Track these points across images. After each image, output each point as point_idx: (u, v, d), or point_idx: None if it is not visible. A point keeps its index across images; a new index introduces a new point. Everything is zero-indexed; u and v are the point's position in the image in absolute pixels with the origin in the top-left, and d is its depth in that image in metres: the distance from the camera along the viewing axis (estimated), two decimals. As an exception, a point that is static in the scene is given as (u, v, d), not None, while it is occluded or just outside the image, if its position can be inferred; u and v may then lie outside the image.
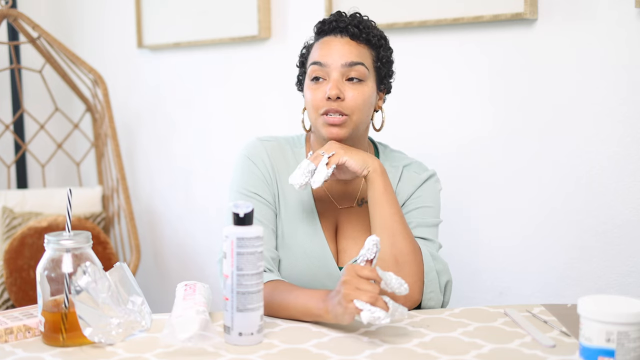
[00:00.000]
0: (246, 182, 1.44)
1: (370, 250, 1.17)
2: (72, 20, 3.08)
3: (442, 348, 1.11)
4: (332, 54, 1.39)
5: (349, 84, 1.38)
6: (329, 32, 1.42)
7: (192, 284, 1.29)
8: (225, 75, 2.58)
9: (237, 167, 1.47)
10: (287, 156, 1.48)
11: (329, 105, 1.37)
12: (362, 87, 1.39)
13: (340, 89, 1.36)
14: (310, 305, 1.22)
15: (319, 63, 1.39)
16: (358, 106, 1.38)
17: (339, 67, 1.38)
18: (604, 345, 0.98)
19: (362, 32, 1.41)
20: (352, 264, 1.18)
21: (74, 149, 3.08)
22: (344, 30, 1.40)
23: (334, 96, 1.35)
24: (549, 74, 1.84)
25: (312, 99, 1.39)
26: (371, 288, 1.13)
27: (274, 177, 1.45)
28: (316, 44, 1.44)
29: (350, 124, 1.38)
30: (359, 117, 1.39)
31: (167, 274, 2.89)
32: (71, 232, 1.14)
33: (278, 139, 1.51)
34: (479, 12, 1.89)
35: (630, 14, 1.69)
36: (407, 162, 1.51)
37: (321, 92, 1.38)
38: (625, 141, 1.73)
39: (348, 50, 1.39)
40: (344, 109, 1.37)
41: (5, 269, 2.35)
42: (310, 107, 1.40)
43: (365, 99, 1.39)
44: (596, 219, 1.79)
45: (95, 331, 1.11)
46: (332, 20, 1.43)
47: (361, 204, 1.47)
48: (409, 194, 1.46)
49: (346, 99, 1.37)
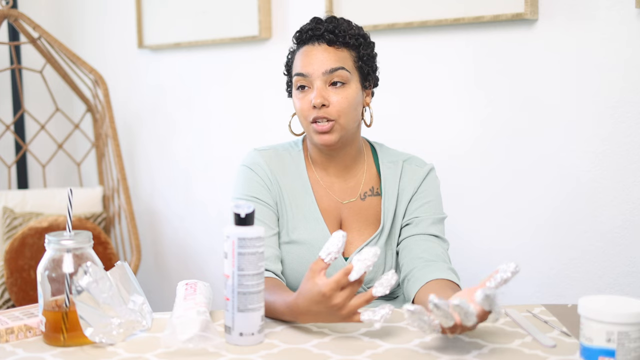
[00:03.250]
0: (247, 189, 1.48)
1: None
2: (73, 20, 3.08)
3: (442, 348, 1.11)
4: (312, 63, 1.42)
5: (333, 89, 1.41)
6: (307, 41, 1.45)
7: (193, 283, 1.29)
8: (226, 76, 2.58)
9: (237, 177, 1.51)
10: (285, 162, 1.51)
11: (316, 113, 1.41)
12: (345, 91, 1.42)
13: (324, 96, 1.40)
14: (276, 305, 1.24)
15: (302, 74, 1.43)
16: (343, 110, 1.41)
17: (320, 75, 1.41)
18: (605, 346, 0.99)
19: (338, 37, 1.43)
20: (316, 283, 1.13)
21: (74, 149, 3.08)
22: (321, 38, 1.43)
23: (318, 104, 1.39)
24: (550, 74, 1.84)
25: (300, 108, 1.44)
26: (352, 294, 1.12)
27: (275, 182, 1.48)
28: (297, 54, 1.47)
29: (339, 128, 1.42)
30: (346, 120, 1.42)
31: (167, 274, 2.89)
32: (72, 232, 1.14)
33: (275, 147, 1.54)
34: (480, 13, 1.89)
35: (630, 14, 1.69)
36: (405, 157, 1.54)
37: (307, 100, 1.42)
38: (626, 141, 1.73)
39: (327, 57, 1.42)
40: (330, 115, 1.40)
41: (5, 269, 2.35)
42: (300, 115, 1.45)
43: (350, 102, 1.42)
44: (596, 219, 1.79)
45: (96, 331, 1.11)
46: (308, 29, 1.45)
47: (364, 198, 1.50)
48: (415, 188, 1.49)
49: (331, 105, 1.40)
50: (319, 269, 1.13)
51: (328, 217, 1.48)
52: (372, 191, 1.51)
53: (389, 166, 1.51)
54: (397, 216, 1.49)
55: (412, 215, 1.47)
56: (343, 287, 1.11)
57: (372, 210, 1.49)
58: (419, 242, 1.43)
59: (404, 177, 1.50)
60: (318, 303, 1.12)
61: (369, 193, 1.50)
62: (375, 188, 1.51)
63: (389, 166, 1.51)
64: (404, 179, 1.50)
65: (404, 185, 1.50)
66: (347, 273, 1.11)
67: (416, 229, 1.46)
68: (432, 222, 1.46)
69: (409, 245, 1.44)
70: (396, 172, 1.50)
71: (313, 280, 1.13)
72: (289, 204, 1.48)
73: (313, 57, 1.42)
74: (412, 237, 1.45)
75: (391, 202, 1.49)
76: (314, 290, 1.12)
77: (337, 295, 1.11)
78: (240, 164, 1.51)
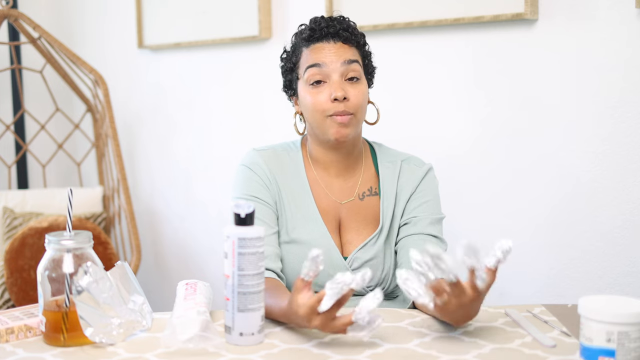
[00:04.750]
0: (246, 188, 1.48)
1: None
2: (73, 20, 3.08)
3: (442, 348, 1.11)
4: (329, 55, 1.43)
5: (349, 84, 1.42)
6: (320, 39, 1.45)
7: (193, 283, 1.29)
8: (226, 76, 2.58)
9: (236, 177, 1.51)
10: (284, 162, 1.51)
11: (336, 107, 1.40)
12: (360, 86, 1.44)
13: (344, 89, 1.40)
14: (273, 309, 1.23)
15: (318, 65, 1.42)
16: (360, 104, 1.43)
17: (338, 66, 1.41)
18: (605, 345, 0.99)
19: (351, 35, 1.45)
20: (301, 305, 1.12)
21: (74, 149, 3.08)
22: (336, 36, 1.44)
23: (341, 97, 1.39)
24: (550, 74, 1.84)
25: (316, 103, 1.42)
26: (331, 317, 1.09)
27: (274, 182, 1.48)
28: (307, 50, 1.46)
29: (355, 122, 1.43)
30: (362, 115, 1.44)
31: (167, 274, 2.89)
32: (72, 232, 1.14)
33: (274, 146, 1.54)
34: (480, 13, 1.89)
35: (630, 14, 1.69)
36: (404, 157, 1.54)
37: (324, 94, 1.41)
38: (626, 141, 1.73)
39: (344, 52, 1.43)
40: (349, 109, 1.41)
41: (6, 269, 2.35)
42: (314, 110, 1.43)
43: (365, 97, 1.45)
44: (596, 219, 1.79)
45: (96, 331, 1.11)
46: (323, 26, 1.45)
47: (362, 198, 1.50)
48: (414, 187, 1.49)
49: (350, 99, 1.41)
50: (300, 287, 1.11)
51: (326, 217, 1.48)
52: (371, 191, 1.51)
53: (387, 166, 1.52)
54: (395, 216, 1.49)
55: (411, 215, 1.47)
56: (319, 312, 1.09)
57: (371, 210, 1.49)
58: (418, 242, 1.43)
59: (402, 177, 1.50)
60: (301, 320, 1.12)
61: (367, 193, 1.51)
62: (373, 188, 1.51)
63: (388, 166, 1.52)
64: (403, 178, 1.50)
65: (402, 184, 1.50)
66: (320, 299, 1.08)
67: (414, 228, 1.46)
68: (430, 222, 1.46)
69: (407, 244, 1.45)
70: (394, 172, 1.51)
71: (295, 299, 1.12)
72: (288, 204, 1.48)
73: (328, 51, 1.43)
74: (411, 236, 1.45)
75: (390, 201, 1.49)
76: (295, 310, 1.12)
77: (314, 319, 1.10)
78: (239, 164, 1.51)
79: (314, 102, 1.42)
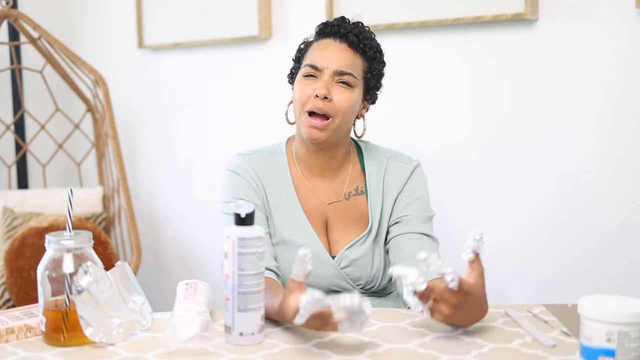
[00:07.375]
0: (234, 191, 1.49)
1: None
2: (73, 20, 3.08)
3: (442, 348, 1.11)
4: (327, 58, 1.44)
5: (338, 86, 1.43)
6: (329, 35, 1.47)
7: (193, 283, 1.29)
8: (226, 76, 2.58)
9: (223, 182, 1.52)
10: (269, 164, 1.52)
11: (315, 103, 1.41)
12: (349, 92, 1.44)
13: (329, 89, 1.42)
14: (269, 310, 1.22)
15: (314, 67, 1.44)
16: (343, 109, 1.43)
17: (330, 72, 1.43)
18: (605, 345, 0.99)
19: (360, 42, 1.46)
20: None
21: (74, 149, 3.08)
22: (344, 37, 1.46)
23: (321, 95, 1.41)
24: (550, 74, 1.84)
25: (300, 95, 1.44)
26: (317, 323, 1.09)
27: (260, 184, 1.49)
28: (314, 44, 1.48)
29: (332, 127, 1.43)
30: (342, 120, 1.44)
31: (167, 274, 2.89)
32: (72, 232, 1.14)
33: (258, 150, 1.55)
34: (480, 13, 1.89)
35: (630, 14, 1.69)
36: (391, 154, 1.54)
37: (310, 89, 1.43)
38: (626, 141, 1.73)
39: (343, 57, 1.44)
40: (329, 110, 1.42)
41: (6, 269, 2.35)
42: (297, 101, 1.45)
43: (350, 104, 1.44)
44: (596, 219, 1.79)
45: (96, 331, 1.11)
46: (334, 24, 1.47)
47: (348, 198, 1.51)
48: (401, 185, 1.49)
49: (333, 100, 1.42)
50: (292, 289, 1.11)
51: (313, 218, 1.48)
52: (357, 190, 1.51)
53: (373, 164, 1.52)
54: (383, 214, 1.49)
55: (401, 214, 1.47)
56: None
57: (357, 210, 1.50)
58: (410, 241, 1.44)
59: (388, 174, 1.51)
60: (291, 321, 1.11)
61: (353, 192, 1.51)
62: (359, 187, 1.51)
63: (374, 164, 1.52)
64: (389, 176, 1.50)
65: (389, 182, 1.50)
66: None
67: (406, 227, 1.46)
68: (421, 220, 1.46)
69: (399, 244, 1.45)
70: (380, 170, 1.51)
71: (286, 301, 1.12)
72: (274, 206, 1.48)
73: (329, 51, 1.44)
74: (402, 235, 1.45)
75: (377, 200, 1.49)
76: (285, 312, 1.12)
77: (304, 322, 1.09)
78: (225, 169, 1.52)
79: (299, 94, 1.44)
